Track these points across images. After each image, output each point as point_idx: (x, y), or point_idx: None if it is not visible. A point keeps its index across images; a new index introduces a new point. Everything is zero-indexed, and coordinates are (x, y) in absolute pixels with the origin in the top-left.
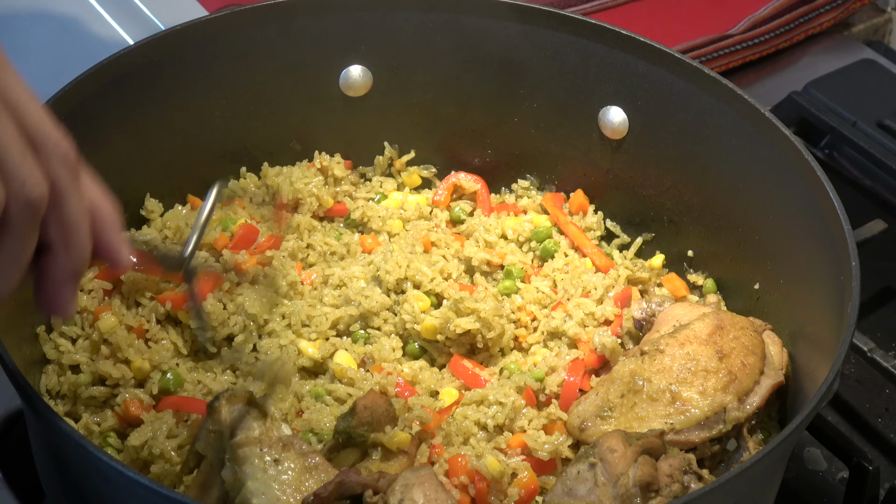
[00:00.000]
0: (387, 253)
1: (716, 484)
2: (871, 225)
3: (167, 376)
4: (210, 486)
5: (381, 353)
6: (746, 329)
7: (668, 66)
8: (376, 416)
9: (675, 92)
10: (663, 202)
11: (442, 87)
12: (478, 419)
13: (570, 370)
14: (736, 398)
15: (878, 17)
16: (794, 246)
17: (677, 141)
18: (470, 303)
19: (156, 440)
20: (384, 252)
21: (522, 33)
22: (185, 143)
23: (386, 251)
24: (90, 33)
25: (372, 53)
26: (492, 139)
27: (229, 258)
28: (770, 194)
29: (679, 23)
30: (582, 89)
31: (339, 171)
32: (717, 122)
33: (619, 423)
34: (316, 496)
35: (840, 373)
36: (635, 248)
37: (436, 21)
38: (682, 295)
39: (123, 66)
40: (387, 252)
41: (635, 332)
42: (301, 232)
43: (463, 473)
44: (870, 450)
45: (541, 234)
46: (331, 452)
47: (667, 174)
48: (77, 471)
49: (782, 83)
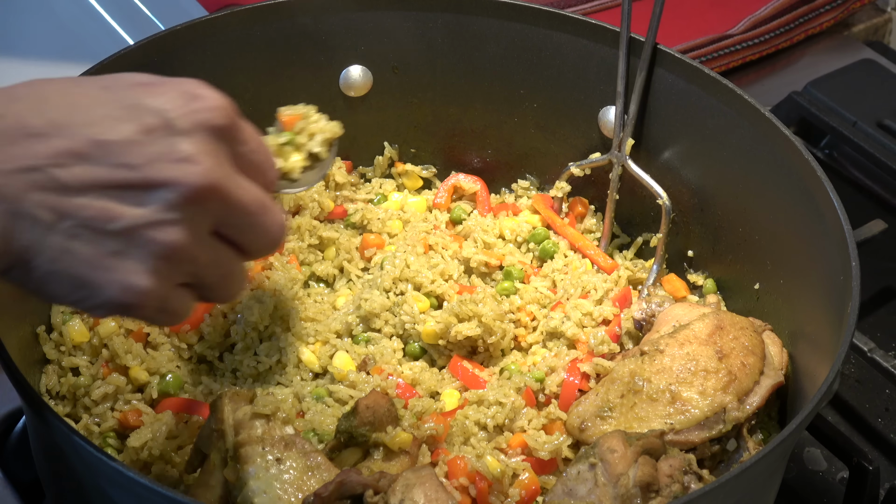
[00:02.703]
0: (387, 254)
1: (716, 484)
2: (871, 225)
3: (167, 378)
4: (212, 486)
5: (383, 355)
6: (746, 329)
7: (668, 66)
8: (378, 415)
9: (675, 92)
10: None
11: (442, 87)
12: (478, 419)
13: (569, 370)
14: (736, 398)
15: (878, 17)
16: (794, 246)
17: (677, 141)
18: (471, 305)
19: (156, 441)
20: (384, 253)
21: (522, 33)
22: None
23: (386, 252)
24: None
25: (372, 53)
26: (492, 139)
27: None
28: (770, 194)
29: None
30: (582, 89)
31: (340, 176)
32: (717, 122)
33: (618, 423)
34: (316, 496)
35: (840, 373)
36: (635, 248)
37: (436, 21)
38: (682, 295)
39: (123, 66)
40: (387, 253)
41: (635, 333)
42: (302, 233)
43: (463, 475)
44: (870, 450)
45: (539, 236)
46: (332, 452)
47: (667, 174)
48: (77, 471)
49: (782, 83)
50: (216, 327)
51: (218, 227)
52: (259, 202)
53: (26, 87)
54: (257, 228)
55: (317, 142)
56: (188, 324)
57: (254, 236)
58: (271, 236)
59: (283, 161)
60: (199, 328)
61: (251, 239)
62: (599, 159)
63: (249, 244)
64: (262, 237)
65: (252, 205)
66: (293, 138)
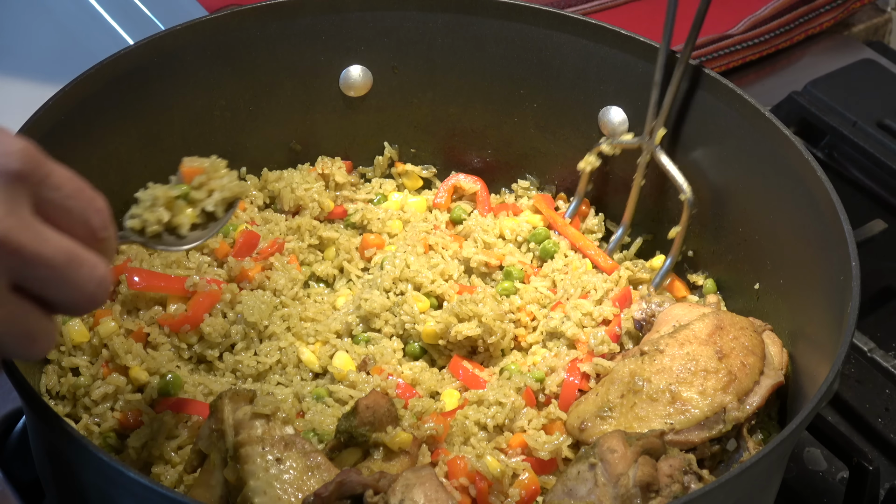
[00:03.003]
0: (387, 254)
1: (716, 484)
2: (871, 225)
3: (167, 378)
4: (212, 486)
5: (383, 355)
6: (746, 329)
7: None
8: (378, 415)
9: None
10: (663, 202)
11: (442, 87)
12: (478, 419)
13: (569, 370)
14: (736, 398)
15: (878, 17)
16: (794, 246)
17: (677, 141)
18: (471, 305)
19: (155, 441)
20: (384, 253)
21: (522, 33)
22: (185, 143)
23: (386, 252)
24: (90, 33)
25: (372, 53)
26: (492, 139)
27: (234, 266)
28: (770, 194)
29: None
30: (582, 89)
31: (340, 176)
32: (717, 122)
33: (618, 423)
34: (317, 496)
35: (840, 373)
36: (635, 248)
37: (436, 21)
38: (682, 295)
39: (123, 66)
40: (387, 253)
41: (635, 333)
42: (302, 233)
43: (463, 475)
44: (870, 450)
45: (539, 236)
46: (332, 452)
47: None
48: (77, 471)
49: (782, 83)
50: (216, 327)
51: (17, 281)
52: (65, 254)
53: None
54: (64, 284)
55: (213, 200)
56: (188, 324)
57: (60, 292)
58: (82, 292)
59: (173, 215)
60: (199, 328)
61: (57, 295)
62: (631, 141)
63: (56, 300)
64: (71, 293)
65: (56, 258)
66: (188, 192)
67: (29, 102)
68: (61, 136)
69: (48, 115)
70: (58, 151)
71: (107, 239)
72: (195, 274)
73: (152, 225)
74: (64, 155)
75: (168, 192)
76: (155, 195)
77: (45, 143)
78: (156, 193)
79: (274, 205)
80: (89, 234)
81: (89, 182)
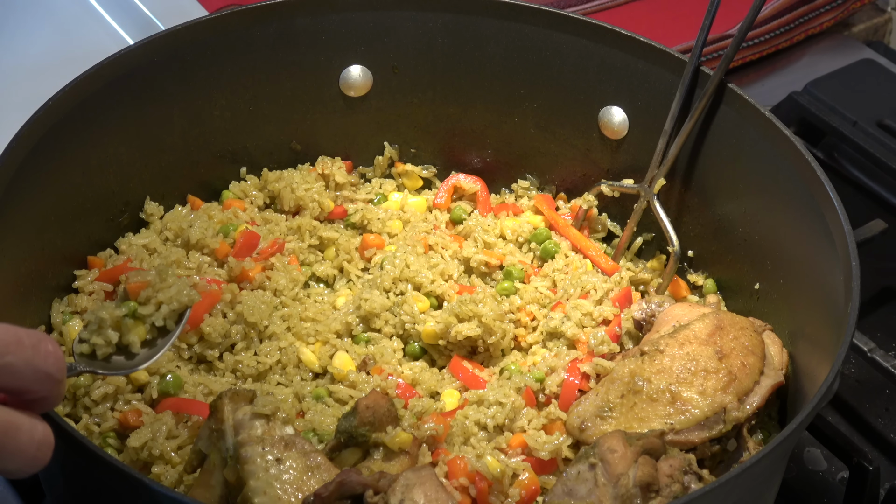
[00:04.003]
0: (387, 254)
1: (716, 484)
2: (871, 225)
3: (167, 378)
4: (212, 486)
5: (383, 355)
6: (746, 329)
7: (668, 66)
8: (378, 415)
9: (676, 92)
10: (663, 202)
11: (442, 87)
12: (478, 419)
13: (569, 370)
14: (736, 398)
15: (878, 17)
16: (794, 246)
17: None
18: (471, 305)
19: (155, 441)
20: (384, 253)
21: (522, 33)
22: (185, 144)
23: (386, 252)
24: (90, 33)
25: (372, 53)
26: (492, 139)
27: (234, 266)
28: (770, 194)
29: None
30: (582, 89)
31: (340, 177)
32: (717, 122)
33: (618, 423)
34: (317, 496)
35: (840, 373)
36: (635, 248)
37: (436, 21)
38: (682, 295)
39: (123, 66)
40: (387, 253)
41: (635, 333)
42: (302, 233)
43: (463, 475)
44: (870, 450)
45: (540, 236)
46: (332, 452)
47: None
48: (77, 471)
49: (782, 83)
50: (216, 327)
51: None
52: (1, 425)
53: None
54: (3, 452)
55: (162, 314)
56: (188, 323)
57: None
58: (24, 457)
59: (122, 335)
60: (199, 328)
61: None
62: (630, 187)
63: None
64: (12, 460)
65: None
66: (135, 309)
67: (29, 102)
68: (61, 136)
69: (48, 115)
70: (58, 151)
71: (61, 381)
72: (195, 274)
73: (102, 348)
74: (64, 155)
75: (114, 312)
76: (101, 317)
77: (45, 143)
78: (101, 315)
79: (274, 205)
80: (22, 393)
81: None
